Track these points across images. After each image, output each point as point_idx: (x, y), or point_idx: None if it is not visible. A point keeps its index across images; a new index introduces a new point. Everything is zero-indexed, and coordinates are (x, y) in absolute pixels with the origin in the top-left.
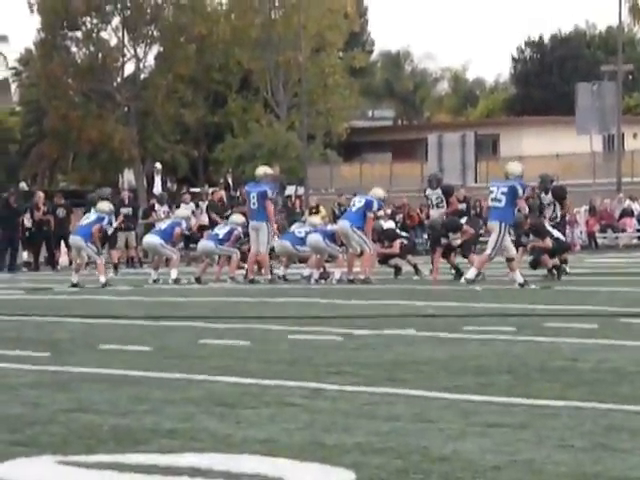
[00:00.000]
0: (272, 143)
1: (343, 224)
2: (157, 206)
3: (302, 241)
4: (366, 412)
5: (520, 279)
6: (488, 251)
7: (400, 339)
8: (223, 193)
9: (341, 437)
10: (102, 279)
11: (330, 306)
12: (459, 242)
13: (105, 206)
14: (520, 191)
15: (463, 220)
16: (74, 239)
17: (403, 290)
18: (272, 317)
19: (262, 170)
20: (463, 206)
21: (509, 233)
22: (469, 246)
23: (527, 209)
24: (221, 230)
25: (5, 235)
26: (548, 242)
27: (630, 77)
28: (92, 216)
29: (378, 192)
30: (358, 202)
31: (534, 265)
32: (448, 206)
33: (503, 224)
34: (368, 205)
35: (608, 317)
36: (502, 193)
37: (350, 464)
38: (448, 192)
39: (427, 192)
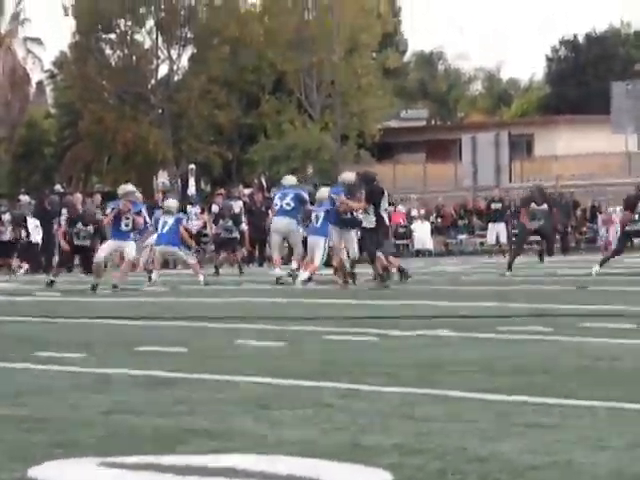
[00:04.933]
0: (306, 144)
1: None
2: (189, 207)
3: None
4: (403, 413)
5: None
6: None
7: (435, 340)
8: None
9: (378, 438)
10: (200, 278)
11: (364, 307)
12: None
13: (172, 204)
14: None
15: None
16: (165, 249)
17: (436, 291)
18: (307, 318)
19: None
20: (499, 206)
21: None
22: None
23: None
24: None
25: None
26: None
27: None
28: (170, 220)
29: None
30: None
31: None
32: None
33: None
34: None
35: None
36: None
37: (387, 465)
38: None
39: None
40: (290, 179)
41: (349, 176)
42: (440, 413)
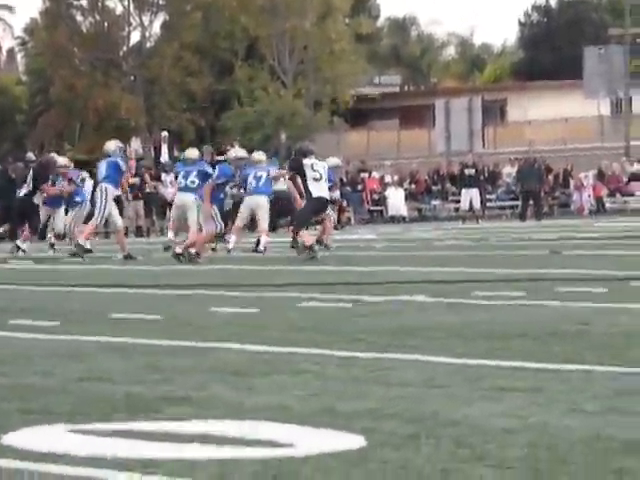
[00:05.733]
0: (279, 111)
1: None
2: (163, 175)
3: None
4: (377, 378)
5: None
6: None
7: (409, 305)
8: None
9: (352, 403)
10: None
11: (337, 273)
12: None
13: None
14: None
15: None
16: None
17: (411, 256)
18: (282, 285)
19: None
20: (472, 171)
21: None
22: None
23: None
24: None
25: (2, 206)
26: None
27: (637, 40)
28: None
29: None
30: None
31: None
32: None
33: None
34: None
35: (617, 281)
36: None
37: (361, 430)
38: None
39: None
40: (191, 153)
41: (239, 152)
42: (414, 378)
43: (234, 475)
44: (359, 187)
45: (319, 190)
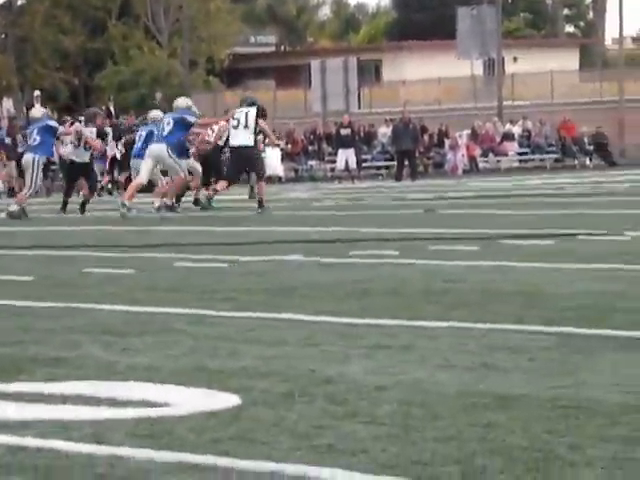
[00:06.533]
0: (154, 70)
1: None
2: None
3: None
4: (252, 337)
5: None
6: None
7: (286, 265)
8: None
9: (226, 362)
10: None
11: (213, 234)
12: None
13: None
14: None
15: None
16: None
17: (287, 216)
18: (156, 245)
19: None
20: (348, 131)
21: None
22: None
23: None
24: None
25: None
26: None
27: (509, 0)
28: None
29: (181, 102)
30: (167, 124)
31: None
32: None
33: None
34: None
35: (489, 239)
36: None
37: (235, 388)
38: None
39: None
40: (35, 112)
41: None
42: (288, 337)
43: (108, 435)
44: None
45: (234, 139)
